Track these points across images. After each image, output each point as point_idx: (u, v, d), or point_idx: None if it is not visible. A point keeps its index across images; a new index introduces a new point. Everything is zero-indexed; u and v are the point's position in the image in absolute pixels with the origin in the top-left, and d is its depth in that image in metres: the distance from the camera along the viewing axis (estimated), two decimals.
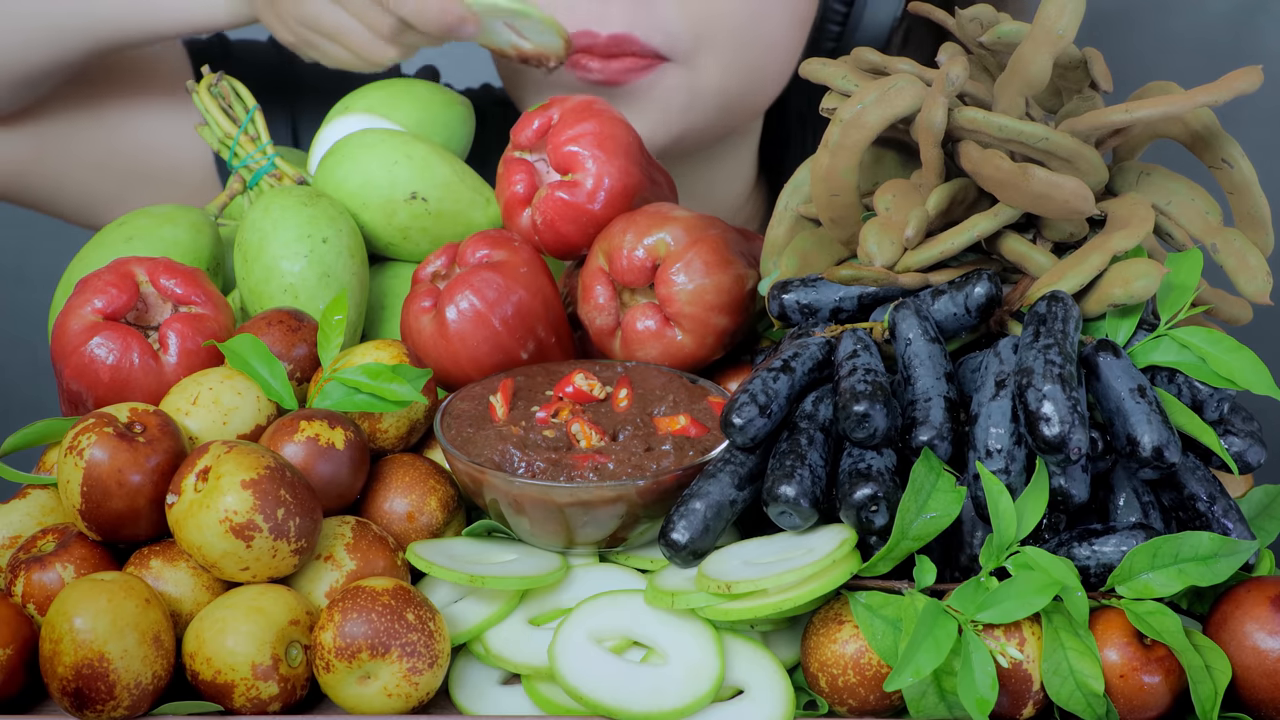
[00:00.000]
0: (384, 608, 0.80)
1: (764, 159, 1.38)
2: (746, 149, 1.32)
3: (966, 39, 0.93)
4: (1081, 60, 0.90)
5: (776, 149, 1.40)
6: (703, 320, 0.95)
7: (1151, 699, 0.79)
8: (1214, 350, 0.85)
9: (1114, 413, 0.81)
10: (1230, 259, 0.89)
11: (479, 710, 0.83)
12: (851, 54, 0.94)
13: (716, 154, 1.28)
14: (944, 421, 0.81)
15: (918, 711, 0.80)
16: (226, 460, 0.82)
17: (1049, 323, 0.82)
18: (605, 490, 0.84)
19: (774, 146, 1.40)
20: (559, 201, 0.98)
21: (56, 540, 0.86)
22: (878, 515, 0.80)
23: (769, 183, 1.40)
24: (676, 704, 0.80)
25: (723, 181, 1.31)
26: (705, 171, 1.27)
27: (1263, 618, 0.80)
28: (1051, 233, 0.89)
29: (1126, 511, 0.83)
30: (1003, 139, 0.86)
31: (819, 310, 0.90)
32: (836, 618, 0.82)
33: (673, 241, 0.95)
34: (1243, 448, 0.85)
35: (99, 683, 0.77)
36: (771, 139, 1.38)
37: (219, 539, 0.81)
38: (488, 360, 0.96)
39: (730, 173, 1.32)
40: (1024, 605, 0.79)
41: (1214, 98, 0.84)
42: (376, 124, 1.11)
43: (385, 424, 0.92)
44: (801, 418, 0.84)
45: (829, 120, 1.14)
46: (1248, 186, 0.90)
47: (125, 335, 0.92)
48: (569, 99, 1.01)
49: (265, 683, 0.80)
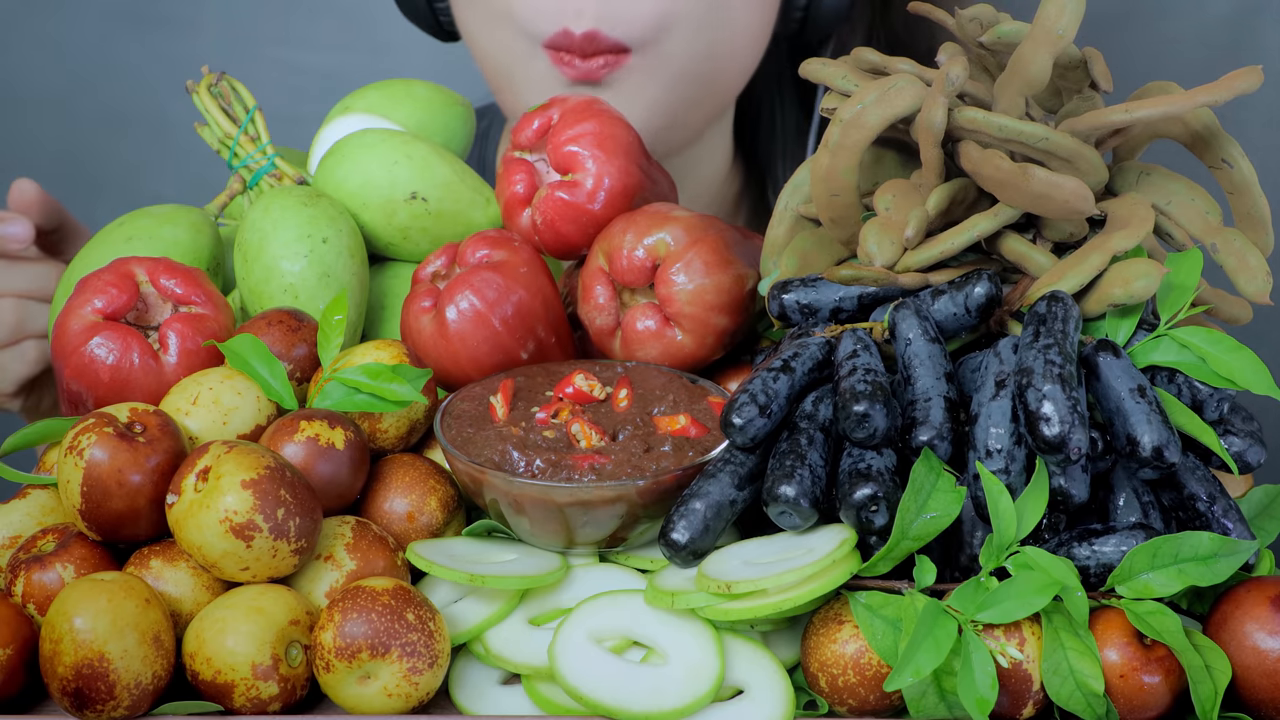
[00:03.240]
0: (384, 608, 0.80)
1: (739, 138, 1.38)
2: (720, 131, 1.32)
3: (966, 38, 0.93)
4: (1081, 60, 0.90)
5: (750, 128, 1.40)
6: (703, 320, 0.95)
7: (1151, 699, 0.79)
8: (1214, 350, 0.85)
9: (1114, 413, 0.81)
10: (1230, 259, 0.89)
11: (479, 710, 0.83)
12: (851, 54, 0.94)
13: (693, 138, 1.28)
14: (944, 421, 0.81)
15: (918, 711, 0.80)
16: (226, 460, 0.82)
17: (1049, 323, 0.82)
18: (605, 490, 0.84)
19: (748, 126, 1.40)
20: (559, 201, 0.98)
21: (56, 540, 0.86)
22: (878, 515, 0.80)
23: (745, 164, 1.40)
24: (676, 704, 0.80)
25: (700, 164, 1.31)
26: (682, 156, 1.27)
27: (1263, 618, 0.80)
28: (1051, 233, 0.89)
29: (1126, 511, 0.83)
30: (1003, 139, 0.86)
31: (819, 310, 0.90)
32: (836, 618, 0.82)
33: (673, 241, 0.95)
34: (1243, 448, 0.85)
35: (99, 683, 0.77)
36: (743, 118, 1.38)
37: (219, 539, 0.81)
38: (488, 360, 0.96)
39: (706, 155, 1.32)
40: (1024, 605, 0.79)
41: (1214, 98, 0.84)
42: (376, 124, 1.11)
43: (385, 424, 0.92)
44: (801, 418, 0.84)
45: (799, 94, 1.13)
46: (1248, 186, 0.90)
47: (125, 335, 0.92)
48: (569, 99, 1.01)
49: (265, 683, 0.80)
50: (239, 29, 1.73)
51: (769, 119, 1.40)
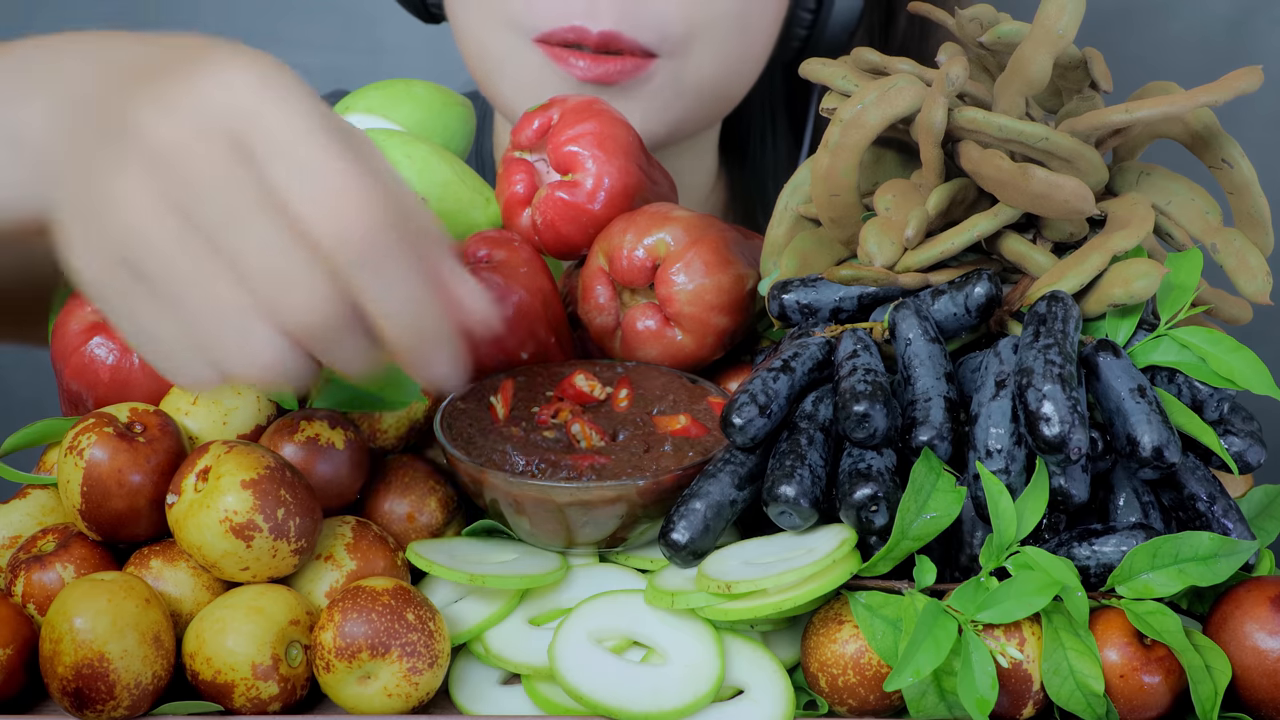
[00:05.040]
0: (384, 608, 0.80)
1: (724, 146, 1.37)
2: (706, 138, 1.31)
3: (966, 39, 0.93)
4: (1081, 60, 0.90)
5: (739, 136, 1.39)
6: (703, 320, 0.95)
7: (1151, 699, 0.79)
8: (1214, 350, 0.85)
9: (1114, 413, 0.81)
10: (1230, 259, 0.89)
11: (479, 710, 0.83)
12: (851, 54, 0.94)
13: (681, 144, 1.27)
14: (944, 421, 0.81)
15: (918, 711, 0.80)
16: (226, 460, 0.82)
17: (1049, 323, 0.82)
18: (605, 490, 0.84)
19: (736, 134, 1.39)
20: (559, 201, 0.98)
21: (57, 540, 0.86)
22: (878, 515, 0.80)
23: (729, 172, 1.39)
24: (676, 704, 0.80)
25: (686, 173, 1.29)
26: (668, 162, 1.26)
27: (1263, 618, 0.80)
28: (1051, 233, 0.89)
29: (1126, 511, 0.83)
30: (1003, 139, 0.86)
31: (819, 310, 0.90)
32: (836, 618, 0.82)
33: (673, 241, 0.95)
34: (1243, 448, 0.85)
35: (99, 683, 0.77)
36: (731, 126, 1.37)
37: (219, 539, 0.81)
38: (488, 360, 0.96)
39: (693, 163, 1.30)
40: (1024, 605, 0.79)
41: (1214, 98, 0.84)
42: (376, 124, 1.11)
43: (385, 424, 0.92)
44: (801, 418, 0.84)
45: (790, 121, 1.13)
46: (1248, 186, 0.90)
47: None
48: (569, 99, 1.01)
49: (265, 683, 0.80)
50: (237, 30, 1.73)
51: (758, 141, 1.39)
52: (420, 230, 0.73)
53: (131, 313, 0.72)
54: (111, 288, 0.72)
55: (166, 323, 0.71)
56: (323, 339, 0.71)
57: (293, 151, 0.69)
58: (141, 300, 0.71)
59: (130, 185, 0.70)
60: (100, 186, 0.71)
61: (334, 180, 0.69)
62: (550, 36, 1.12)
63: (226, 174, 0.69)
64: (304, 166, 0.69)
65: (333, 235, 0.69)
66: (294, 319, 0.70)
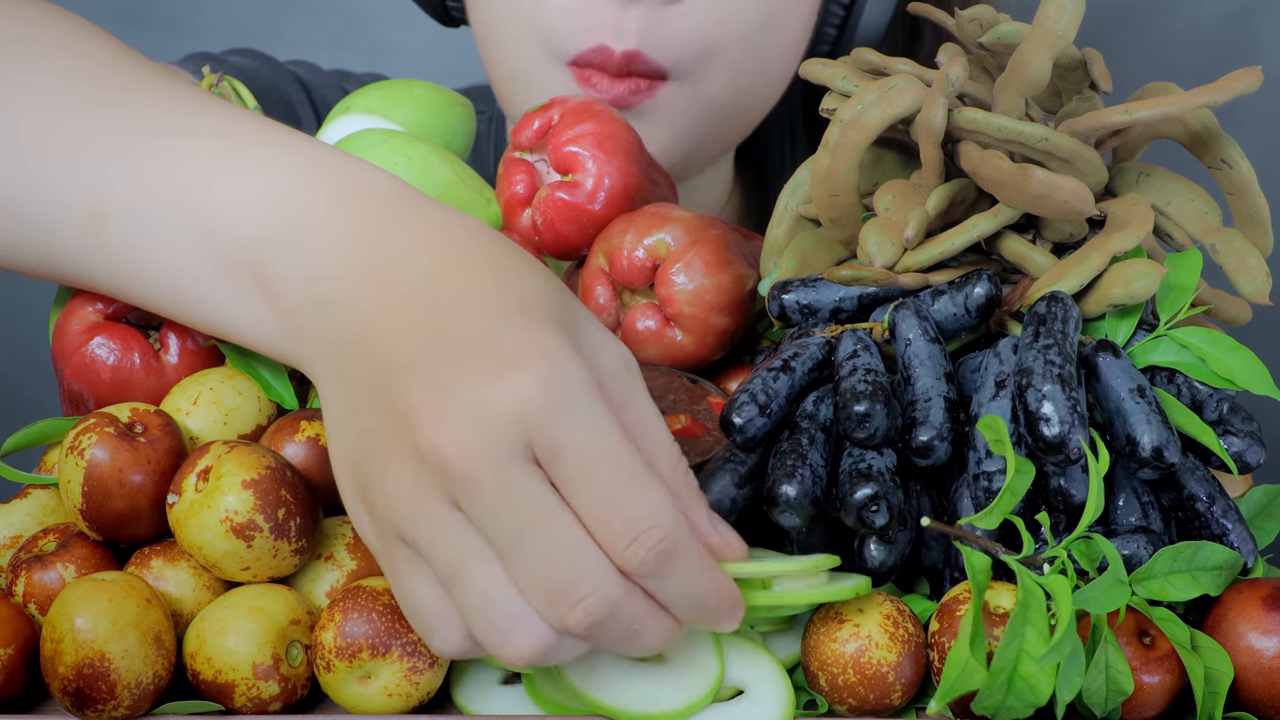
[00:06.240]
0: (385, 607, 0.80)
1: (741, 160, 1.37)
2: (723, 163, 1.31)
3: (966, 39, 0.93)
4: (1081, 60, 0.90)
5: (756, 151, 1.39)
6: (703, 320, 0.95)
7: (1151, 699, 0.79)
8: (1214, 350, 0.85)
9: (1114, 413, 0.81)
10: (1230, 259, 0.89)
11: (479, 710, 0.83)
12: (851, 54, 0.94)
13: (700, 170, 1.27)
14: (944, 422, 0.81)
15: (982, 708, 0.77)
16: (227, 460, 0.82)
17: (1049, 323, 0.82)
18: None
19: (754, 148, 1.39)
20: (559, 202, 0.98)
21: (57, 540, 0.86)
22: (878, 515, 0.80)
23: (744, 186, 1.39)
24: (676, 704, 0.80)
25: (697, 191, 1.29)
26: (681, 185, 1.25)
27: (1256, 618, 0.80)
28: (1051, 233, 0.89)
29: (1126, 512, 0.83)
30: (1002, 139, 0.86)
31: (819, 310, 0.90)
32: (836, 617, 0.82)
33: (673, 242, 0.95)
34: (1242, 448, 0.85)
35: (100, 682, 0.77)
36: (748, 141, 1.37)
37: (220, 539, 0.81)
38: None
39: (705, 184, 1.30)
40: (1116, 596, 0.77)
41: (1214, 98, 0.85)
42: (376, 124, 1.11)
43: None
44: (802, 417, 0.84)
45: (809, 141, 1.12)
46: (1247, 187, 0.90)
47: (126, 335, 0.92)
48: (569, 99, 1.01)
49: (266, 682, 0.80)
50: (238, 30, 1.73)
51: (776, 155, 1.39)
52: (695, 503, 0.75)
53: (398, 574, 0.73)
54: (384, 554, 0.74)
55: (438, 597, 0.72)
56: (597, 637, 0.72)
57: (590, 474, 0.70)
58: (414, 571, 0.73)
59: (409, 475, 0.70)
60: (378, 466, 0.72)
61: (632, 508, 0.70)
62: (579, 59, 1.13)
63: (516, 489, 0.69)
64: (600, 490, 0.70)
65: (626, 557, 0.71)
66: (571, 622, 0.71)
